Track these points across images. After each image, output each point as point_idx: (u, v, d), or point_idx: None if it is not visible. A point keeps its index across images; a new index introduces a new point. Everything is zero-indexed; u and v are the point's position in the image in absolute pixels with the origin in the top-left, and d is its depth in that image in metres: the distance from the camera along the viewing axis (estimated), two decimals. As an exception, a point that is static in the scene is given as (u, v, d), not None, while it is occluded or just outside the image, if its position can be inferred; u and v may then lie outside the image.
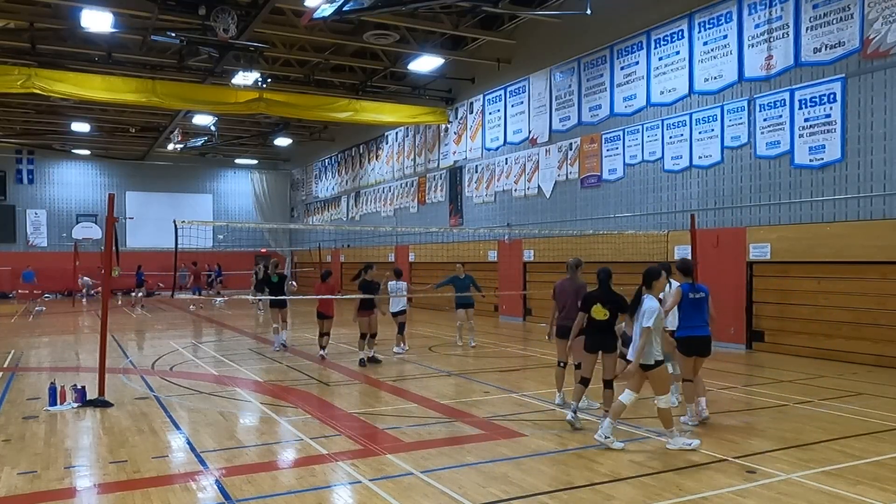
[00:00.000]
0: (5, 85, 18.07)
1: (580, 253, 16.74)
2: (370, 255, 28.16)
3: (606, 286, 7.82)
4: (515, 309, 20.88)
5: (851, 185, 12.48)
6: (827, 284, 12.47)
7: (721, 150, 14.71)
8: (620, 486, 5.80)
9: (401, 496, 5.57)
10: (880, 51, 11.94)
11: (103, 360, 9.25)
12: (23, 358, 13.59)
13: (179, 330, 19.40)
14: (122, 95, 19.72)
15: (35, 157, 35.83)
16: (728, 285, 14.38)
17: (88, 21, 16.72)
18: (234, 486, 5.85)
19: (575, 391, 7.82)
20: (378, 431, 7.64)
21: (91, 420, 8.32)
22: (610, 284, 7.85)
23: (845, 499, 5.47)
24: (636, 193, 16.79)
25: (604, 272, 7.90)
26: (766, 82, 13.80)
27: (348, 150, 32.71)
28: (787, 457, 6.55)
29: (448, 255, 23.17)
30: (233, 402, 9.43)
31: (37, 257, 34.34)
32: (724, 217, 14.74)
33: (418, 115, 23.96)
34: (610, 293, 7.77)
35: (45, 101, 24.57)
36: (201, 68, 21.12)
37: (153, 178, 38.03)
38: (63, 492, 5.82)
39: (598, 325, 7.69)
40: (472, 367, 12.18)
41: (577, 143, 18.49)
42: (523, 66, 20.45)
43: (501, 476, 6.06)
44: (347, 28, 19.97)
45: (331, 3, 14.22)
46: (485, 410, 8.66)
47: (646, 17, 16.36)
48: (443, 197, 24.84)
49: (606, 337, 7.69)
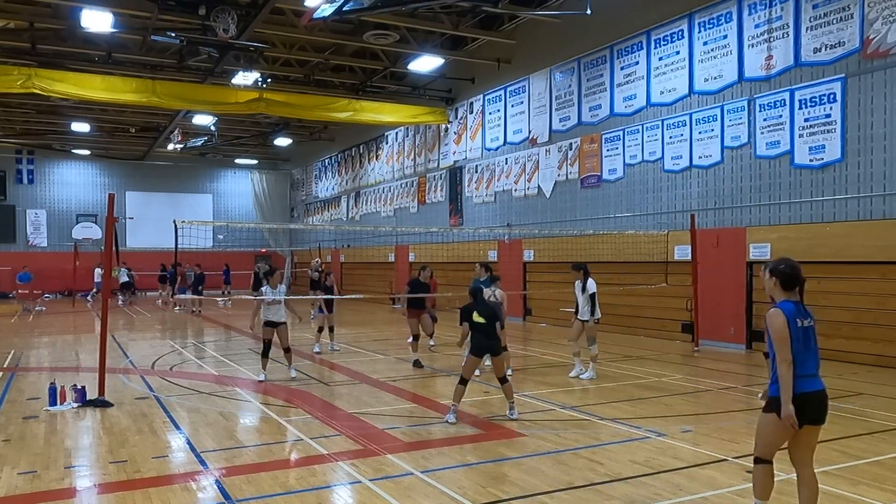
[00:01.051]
0: (5, 85, 18.07)
1: (580, 253, 16.80)
2: (370, 255, 28.17)
3: (479, 299, 8.43)
4: (515, 309, 20.86)
5: (851, 185, 12.48)
6: (827, 284, 12.47)
7: (721, 150, 14.71)
8: (620, 486, 5.80)
9: (401, 496, 5.57)
10: (880, 51, 11.94)
11: (103, 359, 9.25)
12: (23, 358, 13.59)
13: (179, 330, 19.40)
14: (122, 95, 19.72)
15: (35, 157, 35.82)
16: (728, 285, 14.39)
17: (88, 21, 16.72)
18: (234, 486, 5.85)
19: (455, 392, 8.19)
20: (378, 431, 7.64)
21: (91, 420, 8.32)
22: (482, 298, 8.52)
23: (845, 499, 5.47)
24: (636, 193, 16.79)
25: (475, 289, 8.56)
26: (766, 82, 13.80)
27: (348, 150, 32.71)
28: (787, 457, 6.54)
29: (448, 255, 23.18)
30: (233, 402, 9.43)
31: (37, 257, 34.32)
32: (724, 217, 14.74)
33: (418, 115, 23.96)
34: (484, 303, 8.43)
35: (45, 101, 24.55)
36: (201, 68, 21.12)
37: (153, 178, 38.02)
38: (63, 492, 5.82)
39: (481, 329, 8.14)
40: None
41: (577, 143, 18.49)
42: (523, 66, 20.45)
43: (501, 476, 6.06)
44: (347, 28, 19.97)
45: (331, 3, 14.22)
46: (485, 410, 8.66)
47: (646, 17, 16.36)
48: (443, 197, 24.84)
49: (491, 340, 8.19)
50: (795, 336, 4.52)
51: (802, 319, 4.59)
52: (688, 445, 6.96)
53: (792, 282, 4.64)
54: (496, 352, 8.24)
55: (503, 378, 8.26)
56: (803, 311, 4.63)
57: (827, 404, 4.65)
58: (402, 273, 27.01)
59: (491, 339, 8.18)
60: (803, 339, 4.57)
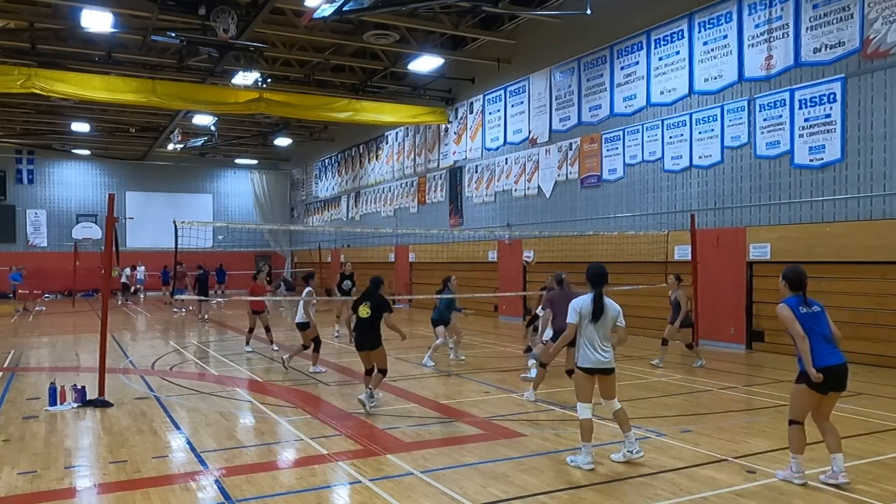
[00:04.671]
0: (5, 85, 18.07)
1: (580, 253, 16.81)
2: (370, 255, 28.16)
3: (372, 292, 8.69)
4: (515, 309, 20.86)
5: (851, 185, 12.48)
6: (827, 284, 12.46)
7: (721, 150, 14.71)
8: (620, 486, 5.80)
9: (401, 496, 5.57)
10: (880, 51, 11.94)
11: (103, 360, 9.25)
12: (23, 358, 13.59)
13: (179, 330, 19.40)
14: (122, 95, 19.72)
15: (35, 157, 35.83)
16: (728, 285, 14.39)
17: (88, 21, 16.72)
18: (234, 486, 5.85)
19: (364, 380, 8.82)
20: (378, 431, 7.64)
21: (91, 420, 8.32)
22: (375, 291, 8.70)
23: (845, 498, 5.47)
24: (636, 193, 16.79)
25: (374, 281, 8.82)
26: (766, 82, 13.80)
27: (348, 150, 32.71)
28: (787, 457, 6.54)
29: (448, 255, 23.18)
30: (233, 402, 9.43)
31: (37, 257, 34.33)
32: (724, 217, 14.74)
33: (418, 115, 23.95)
34: (376, 298, 8.62)
35: (45, 101, 24.55)
36: (201, 68, 21.12)
37: (153, 178, 38.03)
38: (63, 492, 5.82)
39: (362, 323, 8.55)
40: (472, 367, 12.18)
41: (577, 143, 18.49)
42: (523, 66, 20.45)
43: (501, 476, 6.06)
44: (347, 28, 19.97)
45: (331, 3, 14.22)
46: (485, 410, 8.66)
47: (646, 17, 16.36)
48: (443, 197, 24.84)
49: (367, 336, 8.56)
50: (803, 319, 5.80)
51: (808, 307, 5.88)
52: (688, 445, 6.96)
53: (797, 284, 5.98)
54: (371, 347, 8.58)
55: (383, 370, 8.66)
56: (807, 302, 5.91)
57: (846, 374, 5.78)
58: (403, 273, 27.04)
59: (367, 334, 8.55)
60: (814, 323, 5.81)
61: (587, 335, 6.36)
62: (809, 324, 5.76)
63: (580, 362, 6.42)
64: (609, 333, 6.43)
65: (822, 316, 5.88)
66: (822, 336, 5.76)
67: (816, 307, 5.90)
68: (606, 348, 6.38)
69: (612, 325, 6.42)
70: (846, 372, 5.76)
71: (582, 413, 6.37)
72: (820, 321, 5.83)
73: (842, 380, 5.75)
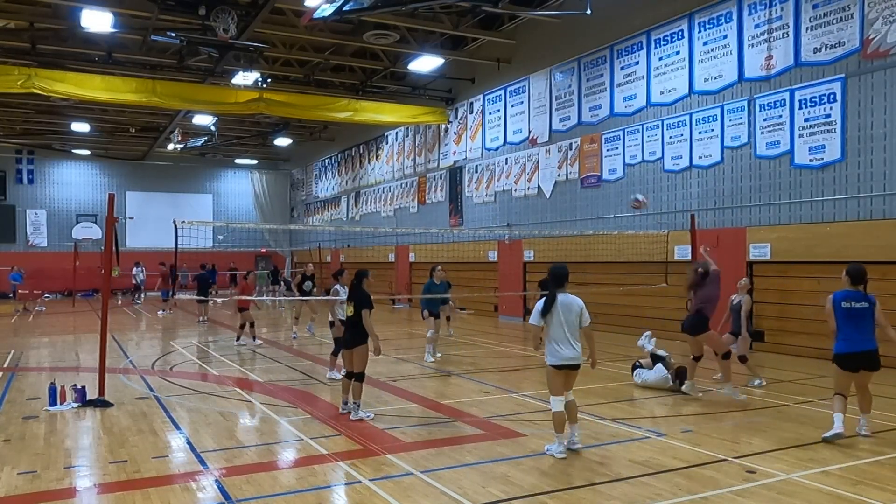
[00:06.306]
0: (5, 85, 18.07)
1: (580, 253, 16.82)
2: (370, 255, 28.17)
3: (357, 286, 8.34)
4: (515, 309, 20.86)
5: (851, 185, 12.48)
6: (827, 284, 12.40)
7: (721, 150, 14.71)
8: (620, 486, 5.79)
9: (401, 496, 5.57)
10: (880, 51, 11.94)
11: (103, 359, 9.25)
12: (23, 358, 13.59)
13: (179, 330, 19.39)
14: (122, 95, 19.72)
15: (35, 157, 35.84)
16: (728, 285, 14.34)
17: (88, 21, 16.72)
18: (234, 486, 5.85)
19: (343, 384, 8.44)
20: (378, 431, 7.64)
21: (91, 420, 8.32)
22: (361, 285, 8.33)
23: (845, 499, 5.47)
24: (636, 193, 16.76)
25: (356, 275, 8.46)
26: (766, 82, 13.80)
27: (348, 150, 32.71)
28: (787, 457, 6.55)
29: (448, 255, 23.18)
30: (233, 402, 9.43)
31: (37, 257, 34.34)
32: (724, 217, 14.74)
33: (418, 115, 23.96)
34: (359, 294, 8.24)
35: (45, 101, 24.55)
36: (201, 68, 21.12)
37: (153, 178, 38.05)
38: (63, 492, 5.82)
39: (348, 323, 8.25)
40: (472, 367, 12.18)
41: (577, 143, 18.49)
42: (523, 66, 20.45)
43: (501, 476, 6.06)
44: (347, 28, 19.97)
45: (331, 3, 14.22)
46: (485, 410, 8.66)
47: (646, 17, 16.36)
48: (443, 197, 24.84)
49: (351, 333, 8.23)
50: (842, 313, 6.99)
51: (853, 302, 6.99)
52: (688, 445, 6.95)
53: (857, 279, 7.09)
54: (351, 345, 8.26)
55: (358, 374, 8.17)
56: (856, 296, 7.02)
57: (876, 358, 7.06)
58: (403, 273, 27.04)
59: (350, 332, 8.24)
60: (852, 316, 6.97)
61: (554, 335, 6.65)
62: (847, 316, 6.97)
63: (549, 360, 6.69)
64: (575, 331, 6.67)
65: (866, 311, 7.00)
66: (857, 327, 6.95)
67: (864, 303, 7.01)
68: (574, 346, 6.63)
69: (577, 322, 6.66)
70: (870, 356, 7.00)
71: (554, 406, 6.70)
72: (861, 315, 6.97)
73: (866, 363, 7.03)
